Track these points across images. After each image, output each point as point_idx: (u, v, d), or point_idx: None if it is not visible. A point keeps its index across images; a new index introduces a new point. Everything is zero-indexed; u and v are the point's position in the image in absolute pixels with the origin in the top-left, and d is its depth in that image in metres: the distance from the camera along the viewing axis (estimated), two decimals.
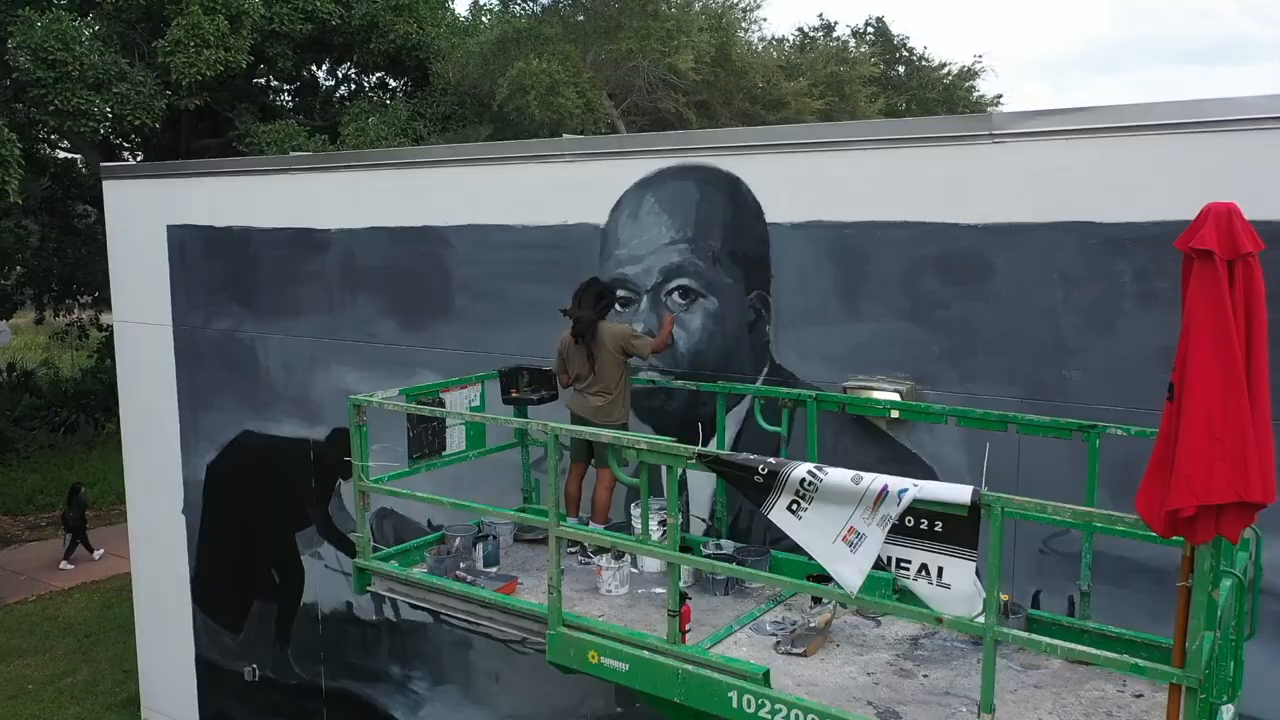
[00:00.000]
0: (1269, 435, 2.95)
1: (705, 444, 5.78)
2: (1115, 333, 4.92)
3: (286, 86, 24.35)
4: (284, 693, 9.12)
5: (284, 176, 8.69)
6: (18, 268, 25.08)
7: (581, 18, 18.43)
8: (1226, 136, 4.64)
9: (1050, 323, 5.10)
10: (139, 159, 24.80)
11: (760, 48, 24.13)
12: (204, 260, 9.04)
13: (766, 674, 4.02)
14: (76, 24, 17.77)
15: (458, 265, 7.40)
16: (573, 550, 5.54)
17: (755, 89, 20.50)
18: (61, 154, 24.97)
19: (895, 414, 5.23)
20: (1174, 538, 3.02)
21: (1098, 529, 4.34)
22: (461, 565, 5.43)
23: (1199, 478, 2.90)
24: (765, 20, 27.45)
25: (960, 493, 3.45)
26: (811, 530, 3.73)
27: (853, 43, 30.13)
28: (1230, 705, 3.59)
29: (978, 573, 3.51)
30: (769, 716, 3.89)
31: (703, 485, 6.06)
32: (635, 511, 5.40)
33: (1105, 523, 3.54)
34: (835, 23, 29.83)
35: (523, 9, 17.90)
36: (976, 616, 3.48)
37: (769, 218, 5.99)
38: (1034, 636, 3.90)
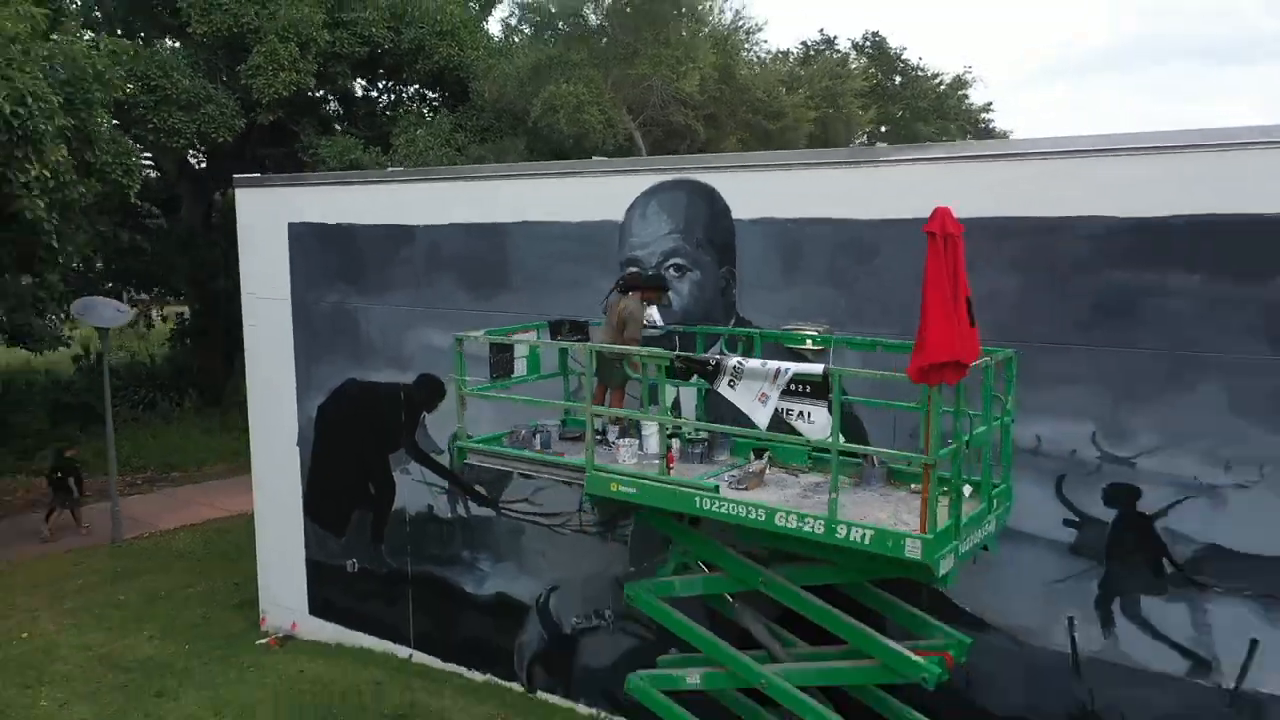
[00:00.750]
0: (968, 327, 5.66)
1: None
2: (979, 300, 7.59)
3: (334, 99, 27.00)
4: (378, 580, 11.94)
5: (382, 186, 11.52)
6: (98, 264, 28.02)
7: (605, 40, 21.21)
8: (1003, 163, 7.38)
9: (912, 286, 7.78)
10: (201, 166, 27.79)
11: (761, 65, 26.87)
12: (318, 249, 11.87)
13: (716, 487, 6.75)
14: (174, 53, 20.61)
15: (515, 251, 10.18)
16: (599, 439, 8.25)
17: (757, 101, 23.20)
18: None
19: (811, 344, 7.95)
20: (920, 383, 5.73)
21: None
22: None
23: (932, 348, 5.62)
24: (765, 41, 29.92)
25: (816, 368, 6.19)
26: (740, 395, 6.47)
27: (852, 55, 32.75)
28: (970, 487, 6.31)
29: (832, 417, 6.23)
30: (716, 509, 6.62)
31: (688, 401, 8.78)
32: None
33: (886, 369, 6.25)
34: (835, 37, 32.30)
35: (553, 35, 20.59)
36: (827, 439, 6.20)
37: (734, 215, 8.73)
38: (852, 446, 6.63)
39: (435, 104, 26.35)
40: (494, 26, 27.17)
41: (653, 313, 8.28)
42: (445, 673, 11.36)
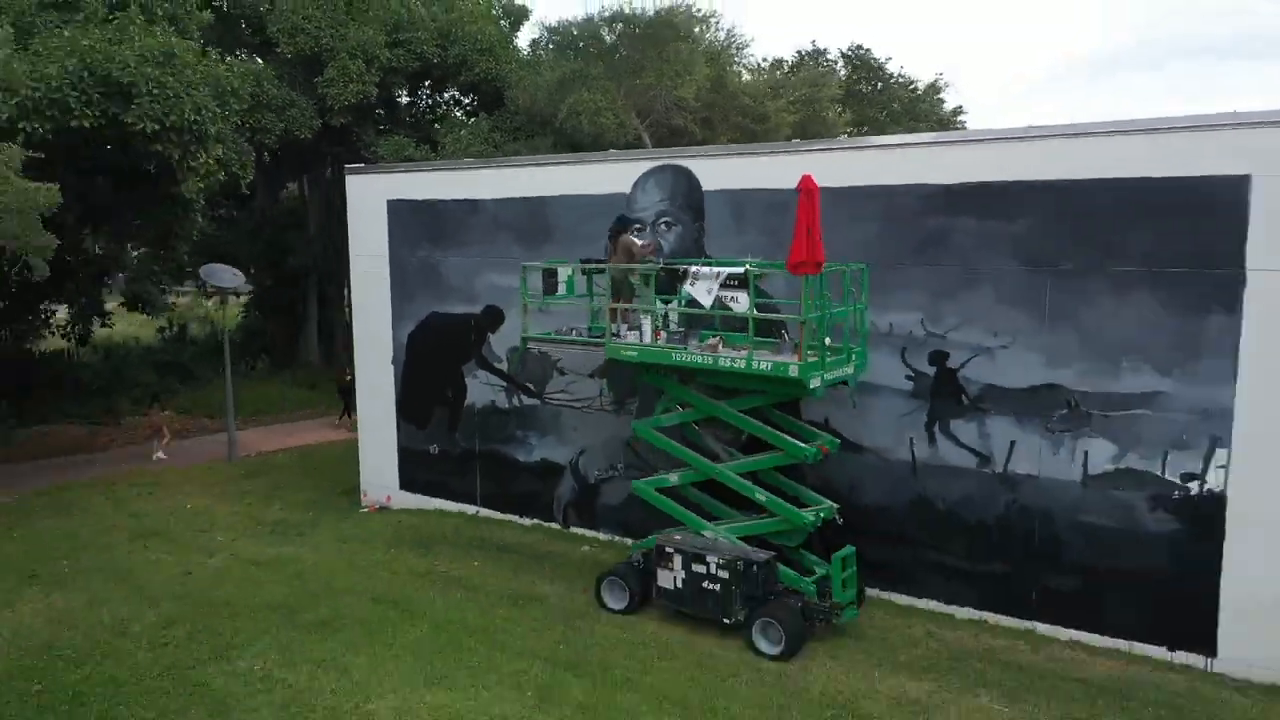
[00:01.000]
0: (818, 243, 10.09)
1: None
2: (851, 238, 12.02)
3: (386, 106, 31.45)
4: (453, 459, 16.43)
5: (457, 172, 16.02)
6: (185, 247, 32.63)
7: (617, 56, 25.64)
8: (866, 152, 11.83)
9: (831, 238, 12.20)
10: (267, 162, 32.26)
11: (754, 72, 31.33)
12: (410, 218, 16.36)
13: (684, 348, 11.19)
14: (264, 67, 25.13)
15: (554, 216, 14.63)
16: (614, 335, 12.68)
17: (745, 106, 27.62)
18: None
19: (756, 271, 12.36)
20: (793, 274, 10.17)
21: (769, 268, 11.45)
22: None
23: (794, 253, 10.05)
24: (753, 55, 33.58)
25: (739, 270, 10.63)
26: (697, 289, 10.92)
27: (840, 64, 37.15)
28: (850, 368, 10.76)
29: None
30: (683, 359, 11.05)
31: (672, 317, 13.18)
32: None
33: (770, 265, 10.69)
34: (825, 49, 36.68)
35: (575, 53, 25.05)
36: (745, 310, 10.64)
37: (704, 188, 13.16)
38: (764, 315, 11.07)
39: (470, 108, 30.91)
40: (521, 41, 31.75)
41: (633, 239, 12.66)
42: (504, 520, 15.85)
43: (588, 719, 9.51)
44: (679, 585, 11.42)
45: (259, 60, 26.03)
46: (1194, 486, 10.29)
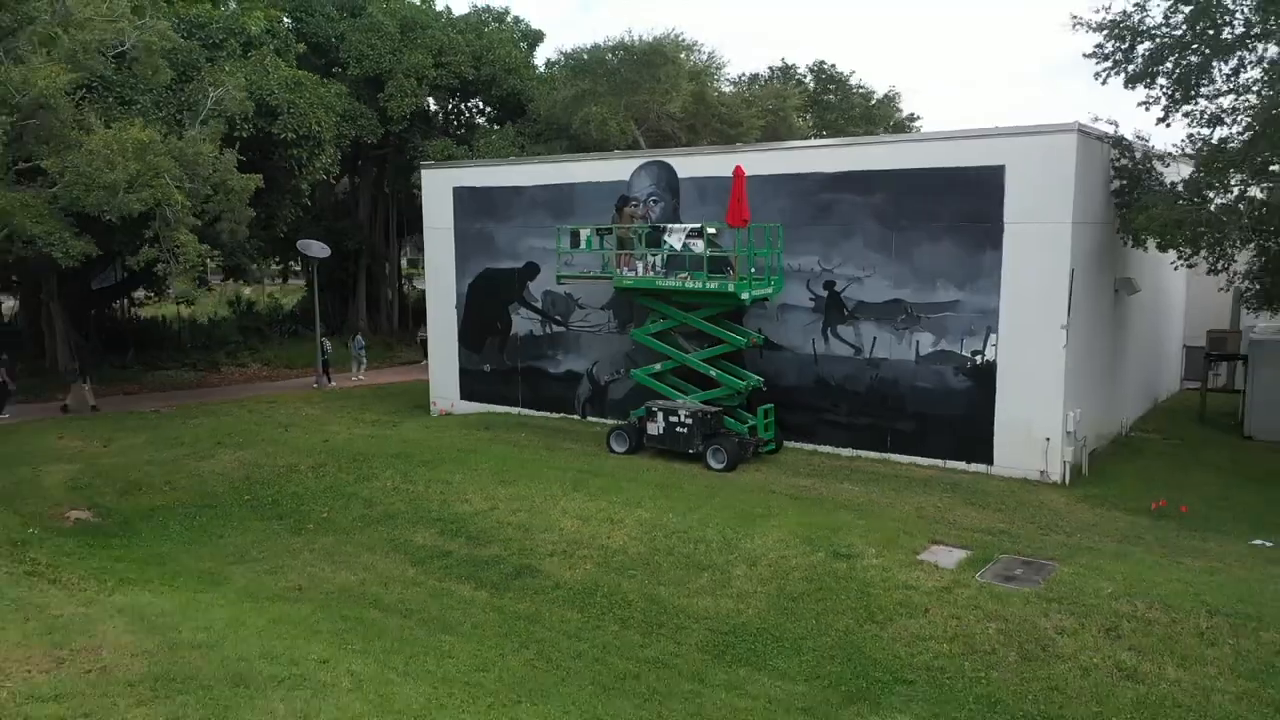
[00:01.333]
0: (745, 207, 16.42)
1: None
2: (773, 207, 18.34)
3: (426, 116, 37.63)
4: (501, 375, 22.74)
5: (505, 166, 22.35)
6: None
7: (618, 76, 31.89)
8: (780, 151, 18.23)
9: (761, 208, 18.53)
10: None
11: (734, 84, 37.67)
12: (469, 200, 22.66)
13: (663, 275, 17.51)
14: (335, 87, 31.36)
15: (577, 198, 20.94)
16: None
17: (722, 115, 33.92)
18: None
19: (714, 231, 18.69)
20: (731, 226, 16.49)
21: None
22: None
23: (731, 213, 16.37)
24: (729, 74, 38.83)
25: (698, 226, 16.96)
26: (673, 238, 17.25)
27: (809, 77, 43.52)
28: (769, 289, 17.11)
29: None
30: (662, 284, 17.37)
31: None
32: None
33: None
34: (795, 65, 43.03)
35: (585, 74, 31.34)
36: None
37: (680, 176, 19.49)
38: (715, 254, 17.45)
39: (494, 117, 37.23)
40: (538, 59, 38.02)
41: (632, 210, 18.94)
42: (540, 415, 22.15)
43: (603, 494, 15.79)
44: (661, 432, 17.73)
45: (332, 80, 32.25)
46: (978, 359, 16.62)
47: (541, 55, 37.57)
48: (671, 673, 10.55)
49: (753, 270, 17.08)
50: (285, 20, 30.32)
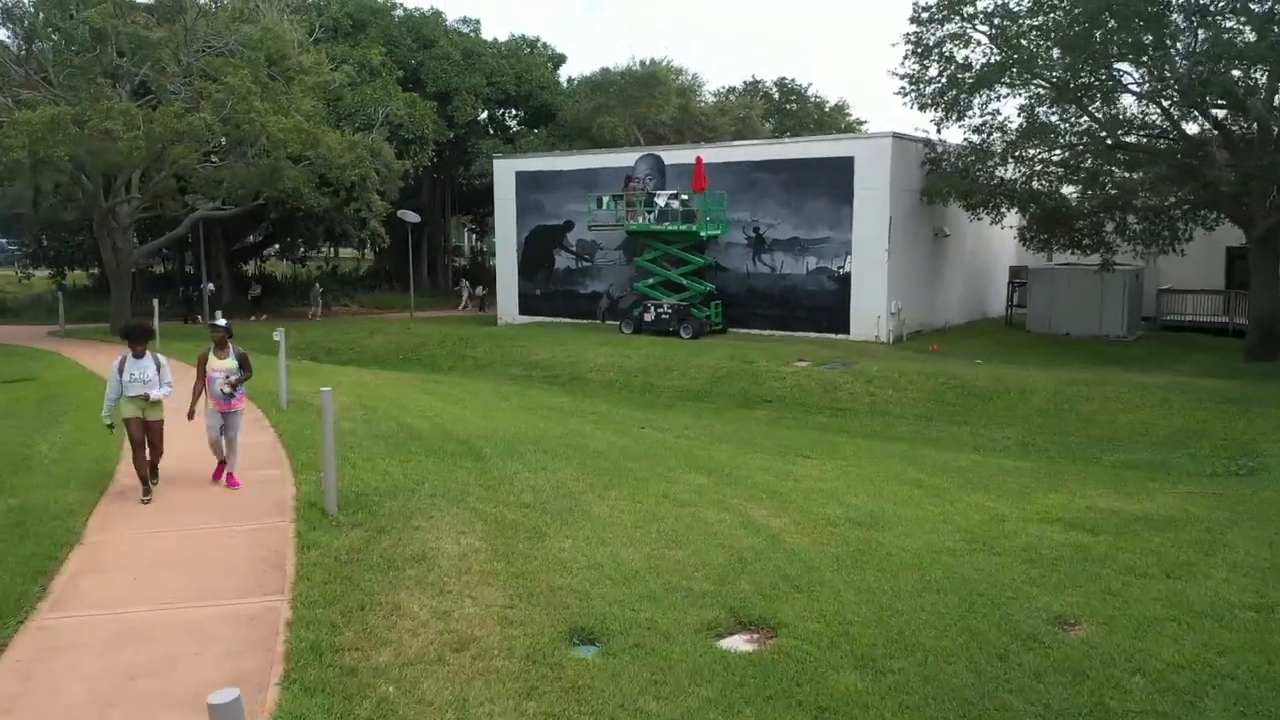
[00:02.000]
0: (704, 179, 27.89)
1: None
2: (722, 183, 29.79)
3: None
4: (547, 295, 34.18)
5: (550, 156, 33.81)
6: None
7: (626, 91, 43.23)
8: (724, 146, 29.77)
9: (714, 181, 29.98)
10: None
11: (713, 97, 49.12)
12: (526, 179, 34.09)
13: (652, 219, 28.97)
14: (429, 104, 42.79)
15: (600, 178, 32.33)
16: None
17: (703, 121, 45.29)
18: None
19: (685, 196, 30.11)
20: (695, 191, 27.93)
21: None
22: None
23: (696, 183, 27.81)
24: (709, 89, 49.22)
25: (674, 192, 28.43)
26: (660, 199, 28.69)
27: (774, 90, 55.04)
28: (719, 230, 28.59)
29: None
30: (650, 227, 28.83)
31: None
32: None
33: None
34: (762, 80, 54.57)
35: (601, 91, 42.73)
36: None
37: (666, 162, 30.93)
38: (678, 209, 29.00)
39: (527, 122, 48.59)
40: (561, 75, 49.37)
41: (637, 184, 30.38)
42: (573, 322, 33.54)
43: (619, 346, 27.18)
44: (653, 319, 29.10)
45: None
46: (840, 271, 28.04)
47: (564, 72, 49.00)
48: (655, 408, 22.06)
49: (708, 219, 28.49)
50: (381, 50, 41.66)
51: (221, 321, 10.12)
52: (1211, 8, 20.68)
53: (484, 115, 48.29)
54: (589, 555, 8.30)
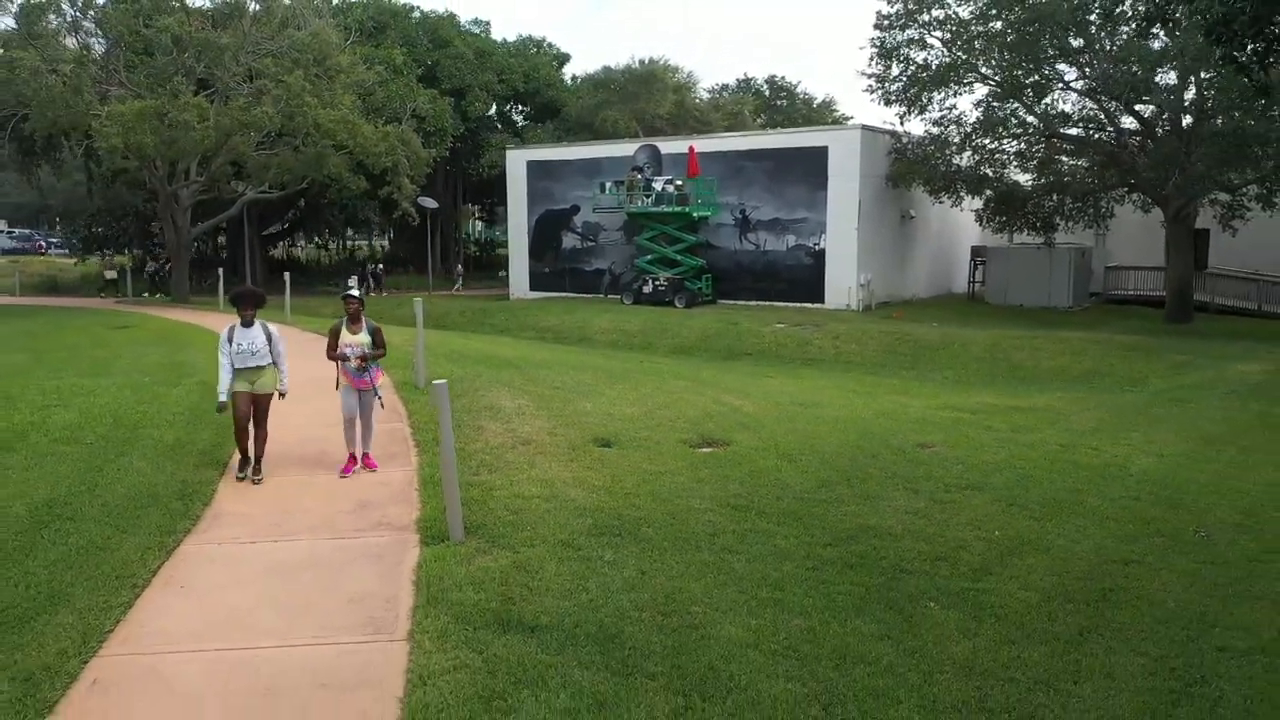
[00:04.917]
0: (696, 166, 31.54)
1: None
2: (712, 170, 33.40)
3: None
4: (556, 273, 37.79)
5: (558, 147, 37.44)
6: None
7: (627, 88, 46.78)
8: (714, 137, 33.42)
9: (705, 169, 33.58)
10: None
11: (708, 93, 52.70)
12: (537, 168, 37.70)
13: (650, 203, 32.64)
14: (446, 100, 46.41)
15: (605, 166, 35.94)
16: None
17: (697, 116, 48.85)
18: None
19: (679, 182, 33.73)
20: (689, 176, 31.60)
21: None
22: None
23: (691, 168, 31.46)
24: (703, 86, 52.68)
25: (667, 177, 32.08)
26: (657, 184, 32.34)
27: (766, 87, 58.66)
28: (709, 211, 32.23)
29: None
30: (650, 209, 32.48)
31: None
32: None
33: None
34: (755, 78, 58.21)
35: (603, 89, 46.30)
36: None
37: (663, 152, 34.54)
38: (673, 191, 32.68)
39: (533, 117, 52.12)
40: (566, 73, 52.88)
41: (634, 173, 33.97)
42: (578, 296, 37.13)
43: (620, 314, 30.79)
44: (650, 291, 32.71)
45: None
46: (816, 247, 31.66)
47: (568, 70, 52.64)
48: (650, 363, 25.71)
49: (699, 201, 32.11)
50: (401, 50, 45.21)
51: (355, 291, 9.12)
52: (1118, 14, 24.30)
53: (493, 110, 51.82)
54: (604, 410, 12.02)
